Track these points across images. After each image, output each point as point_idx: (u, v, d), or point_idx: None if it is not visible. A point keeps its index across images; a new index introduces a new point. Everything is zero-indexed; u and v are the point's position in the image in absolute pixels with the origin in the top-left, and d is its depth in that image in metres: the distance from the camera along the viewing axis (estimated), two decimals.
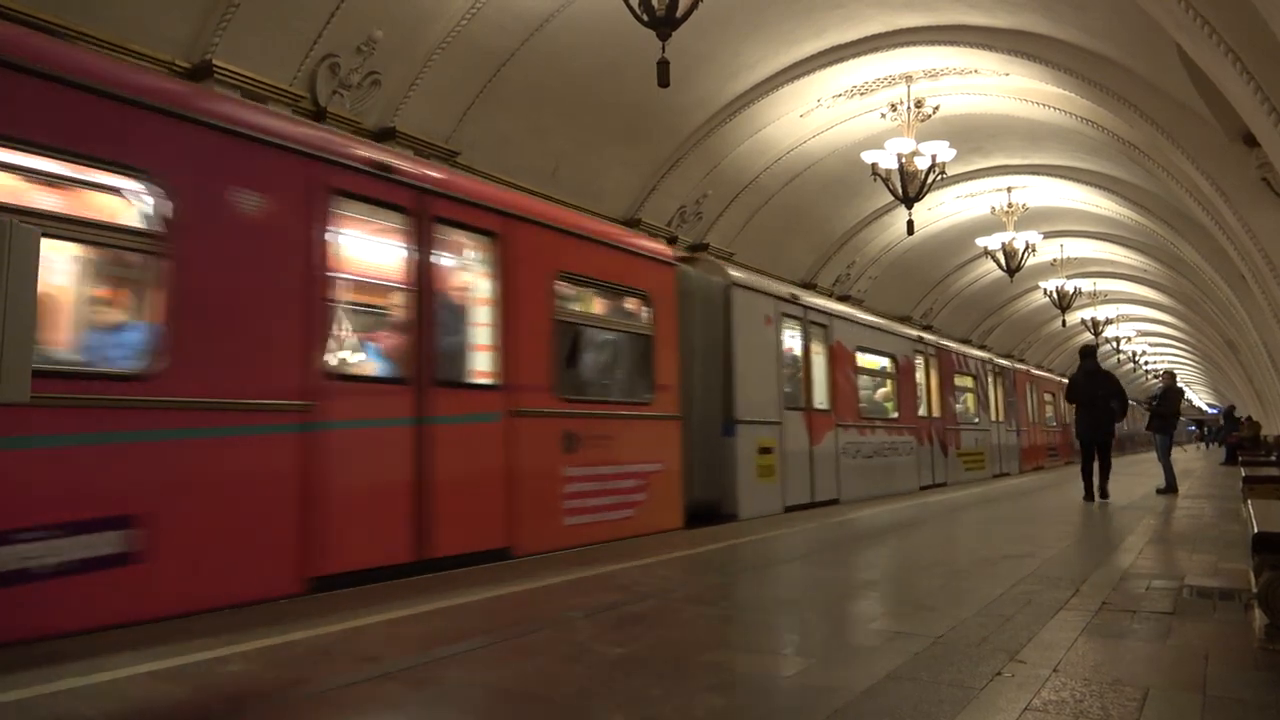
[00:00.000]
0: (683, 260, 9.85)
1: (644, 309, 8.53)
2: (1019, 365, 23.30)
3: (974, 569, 6.09)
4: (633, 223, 13.35)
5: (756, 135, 13.93)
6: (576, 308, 7.89)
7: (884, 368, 14.53)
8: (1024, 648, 3.71)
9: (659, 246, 9.28)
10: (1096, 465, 11.53)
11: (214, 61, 8.17)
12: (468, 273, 6.85)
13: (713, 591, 5.51)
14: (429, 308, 6.18)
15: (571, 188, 12.15)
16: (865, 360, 13.56)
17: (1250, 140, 9.28)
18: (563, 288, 7.49)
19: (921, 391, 15.83)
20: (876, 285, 21.17)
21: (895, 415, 14.47)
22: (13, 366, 2.87)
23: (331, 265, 5.62)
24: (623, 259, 8.29)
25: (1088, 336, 30.08)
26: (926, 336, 16.75)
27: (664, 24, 7.37)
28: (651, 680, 3.46)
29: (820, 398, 11.84)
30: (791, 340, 11.37)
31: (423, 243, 6.19)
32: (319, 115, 9.01)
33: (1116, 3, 8.70)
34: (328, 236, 5.59)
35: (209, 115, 5.03)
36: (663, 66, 7.29)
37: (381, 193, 5.94)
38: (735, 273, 10.35)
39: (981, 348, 23.16)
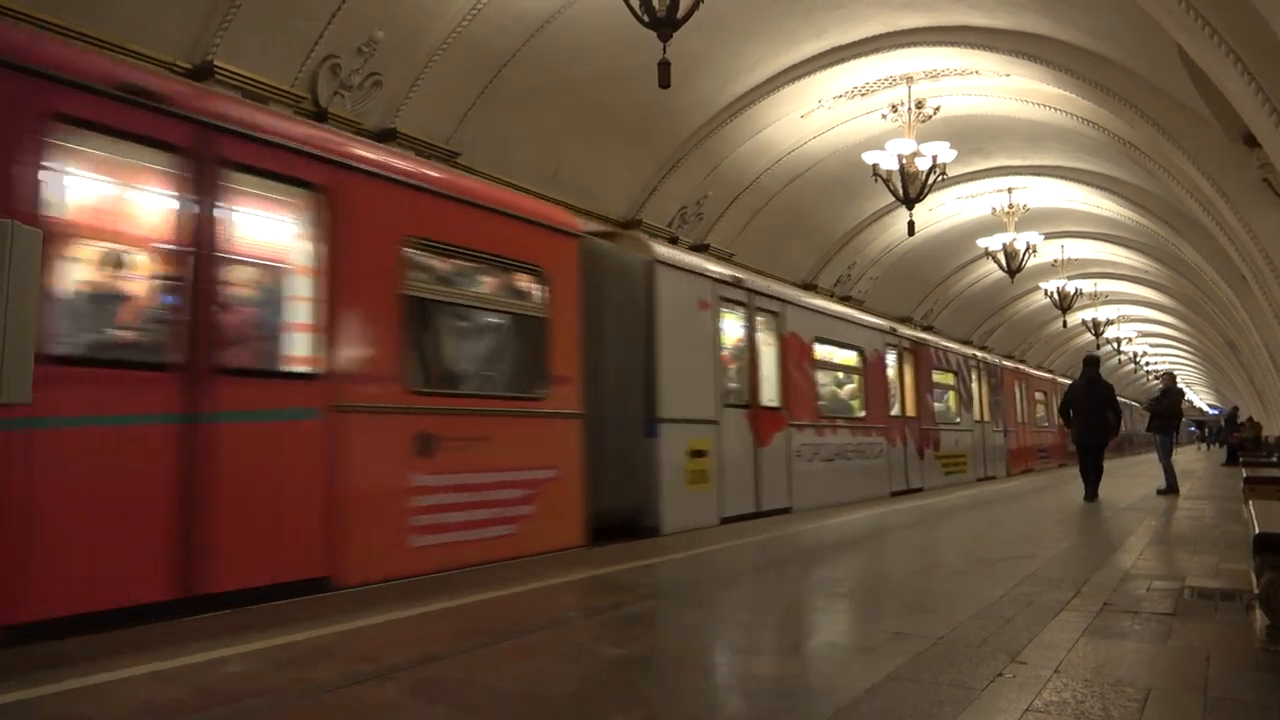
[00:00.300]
0: (601, 235, 8.72)
1: (536, 287, 7.20)
2: (1006, 362, 22.33)
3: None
4: (633, 223, 13.35)
5: (757, 136, 13.93)
6: (438, 282, 6.58)
7: (849, 362, 13.25)
8: (1025, 648, 3.70)
9: (556, 213, 7.87)
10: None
11: (215, 62, 8.17)
12: (277, 233, 5.64)
13: (710, 595, 5.52)
14: (209, 275, 4.95)
15: (572, 189, 12.15)
16: (826, 353, 12.34)
17: (1251, 141, 9.28)
18: (418, 257, 6.21)
19: (894, 388, 14.57)
20: (877, 286, 21.17)
21: (862, 414, 13.23)
22: (14, 367, 2.88)
23: (53, 216, 4.42)
24: (504, 225, 6.92)
25: (1089, 338, 30.14)
26: (901, 329, 15.54)
27: (665, 25, 7.37)
28: (652, 681, 3.46)
29: (770, 394, 10.62)
30: (734, 328, 10.14)
31: (204, 192, 4.96)
32: (320, 116, 9.01)
33: (1117, 3, 8.70)
34: (46, 177, 4.39)
35: None
36: (664, 67, 7.29)
37: (136, 124, 4.69)
38: (662, 249, 9.08)
39: (982, 348, 23.09)
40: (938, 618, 4.38)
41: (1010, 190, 17.82)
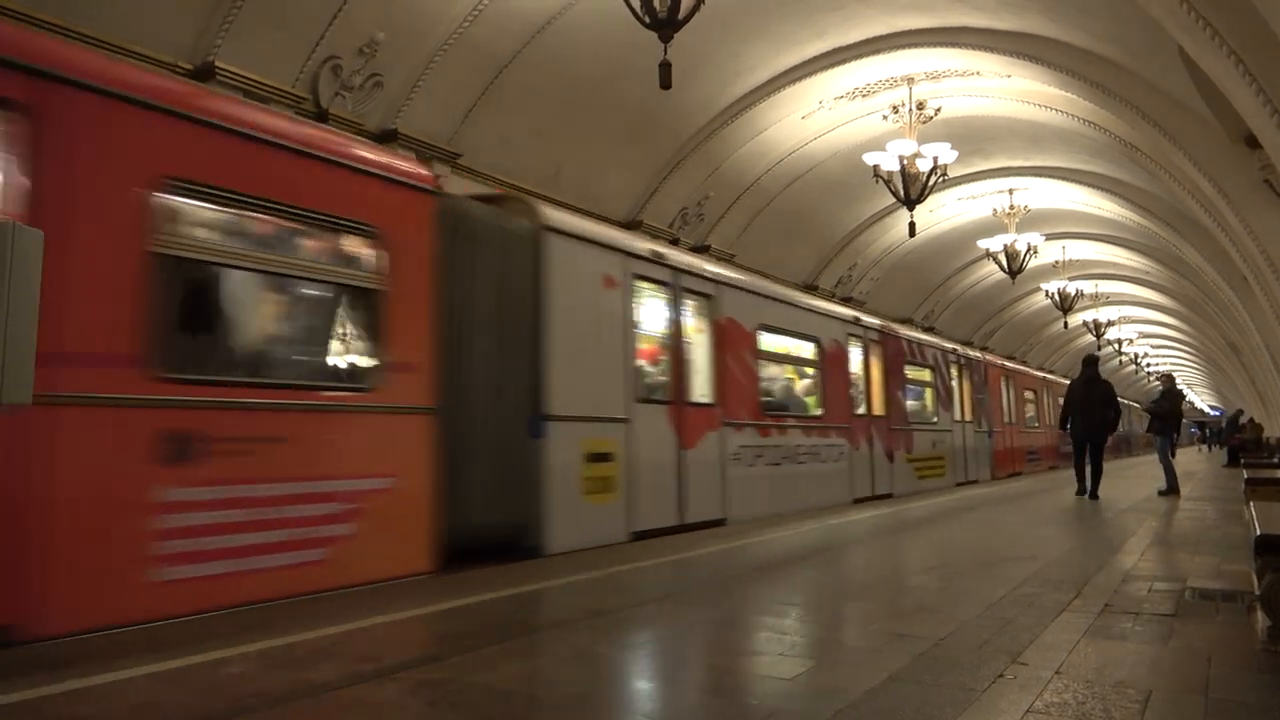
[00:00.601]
0: (482, 199, 7.66)
1: (367, 252, 5.82)
2: (991, 357, 20.90)
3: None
4: (634, 224, 13.37)
5: (758, 137, 13.94)
6: (216, 239, 5.12)
7: (803, 354, 11.87)
8: (1026, 650, 3.70)
9: (398, 163, 6.38)
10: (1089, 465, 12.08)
11: (216, 63, 8.19)
12: None
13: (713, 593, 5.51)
14: None
15: (573, 190, 12.17)
16: (773, 343, 10.97)
17: (1252, 142, 9.28)
18: (182, 204, 4.85)
19: (858, 384, 13.10)
20: (878, 287, 21.18)
21: (819, 413, 11.85)
22: (16, 368, 2.88)
23: None
24: (320, 173, 5.58)
25: (1090, 339, 30.12)
26: (865, 318, 13.87)
27: (666, 25, 7.37)
28: (653, 682, 3.46)
29: (700, 388, 9.27)
30: (654, 312, 8.77)
31: None
32: (321, 117, 9.03)
33: (1118, 5, 8.71)
34: None
35: None
36: (665, 68, 7.29)
37: None
38: (554, 214, 7.78)
39: (983, 348, 22.99)
40: (944, 618, 4.38)
41: (1011, 191, 17.82)
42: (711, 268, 10.20)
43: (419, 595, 5.12)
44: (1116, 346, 34.65)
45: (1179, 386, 15.34)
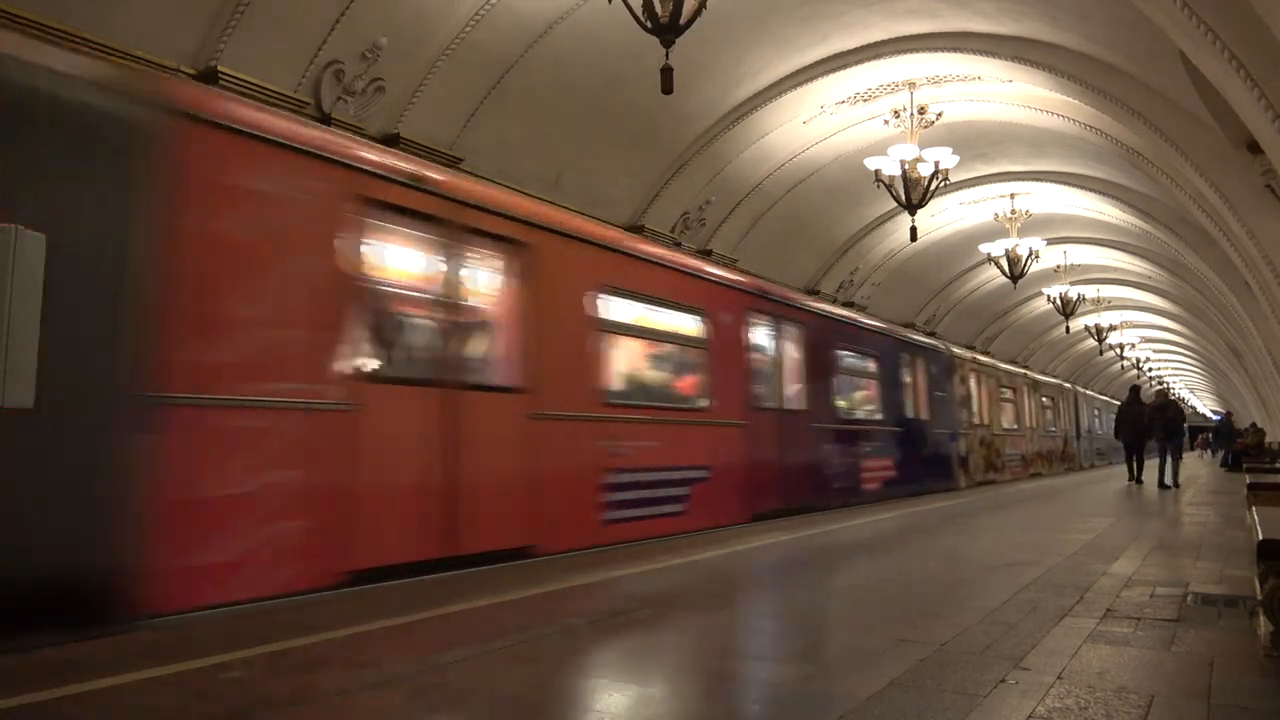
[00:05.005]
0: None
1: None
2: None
3: None
4: (636, 229, 13.36)
5: (759, 142, 13.95)
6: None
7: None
8: (1028, 655, 3.69)
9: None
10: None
11: (219, 68, 8.20)
12: None
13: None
14: None
15: (575, 194, 12.17)
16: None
17: (1254, 147, 9.28)
18: None
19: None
20: (880, 292, 21.16)
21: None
22: (17, 370, 2.89)
23: None
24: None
25: (1091, 344, 30.04)
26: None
27: (667, 30, 7.38)
28: (654, 687, 3.45)
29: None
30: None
31: None
32: (324, 121, 9.04)
33: (1119, 9, 8.71)
34: None
35: None
36: (666, 73, 7.29)
37: None
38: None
39: (985, 353, 22.85)
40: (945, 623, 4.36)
41: (1013, 196, 17.83)
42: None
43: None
44: (1118, 351, 34.58)
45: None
